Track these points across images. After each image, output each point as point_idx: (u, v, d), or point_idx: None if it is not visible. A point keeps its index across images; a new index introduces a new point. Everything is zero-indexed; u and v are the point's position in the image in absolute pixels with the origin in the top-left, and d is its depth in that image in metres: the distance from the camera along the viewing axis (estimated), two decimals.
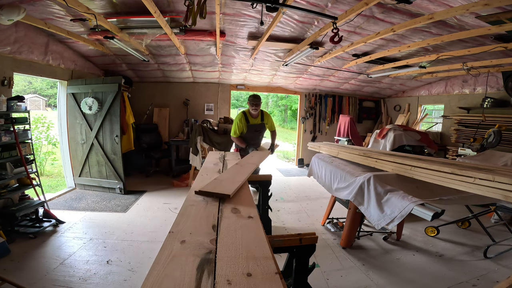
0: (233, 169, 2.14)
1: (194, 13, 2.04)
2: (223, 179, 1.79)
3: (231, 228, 1.13)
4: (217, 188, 1.54)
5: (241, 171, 2.08)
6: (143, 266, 2.42)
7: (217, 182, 1.71)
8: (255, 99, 3.77)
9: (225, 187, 1.58)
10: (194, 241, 1.00)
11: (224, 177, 1.87)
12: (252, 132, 3.91)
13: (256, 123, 3.90)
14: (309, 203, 4.35)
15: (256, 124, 3.90)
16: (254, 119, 3.89)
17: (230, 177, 1.85)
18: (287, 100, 19.65)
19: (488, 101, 4.63)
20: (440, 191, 2.09)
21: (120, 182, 4.43)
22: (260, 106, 3.87)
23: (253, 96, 3.80)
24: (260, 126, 3.93)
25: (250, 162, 2.50)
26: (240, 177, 1.86)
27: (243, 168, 2.21)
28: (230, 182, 1.72)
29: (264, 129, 4.00)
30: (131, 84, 5.79)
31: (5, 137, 3.02)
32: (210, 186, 1.59)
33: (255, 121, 3.89)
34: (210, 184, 1.63)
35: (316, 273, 2.39)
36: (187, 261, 0.86)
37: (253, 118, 3.88)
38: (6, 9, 2.52)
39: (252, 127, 3.88)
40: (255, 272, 0.82)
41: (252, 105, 3.77)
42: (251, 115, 3.86)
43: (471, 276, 2.41)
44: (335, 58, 4.70)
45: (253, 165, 2.39)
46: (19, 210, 2.95)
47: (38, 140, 6.52)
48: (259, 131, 3.94)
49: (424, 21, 2.67)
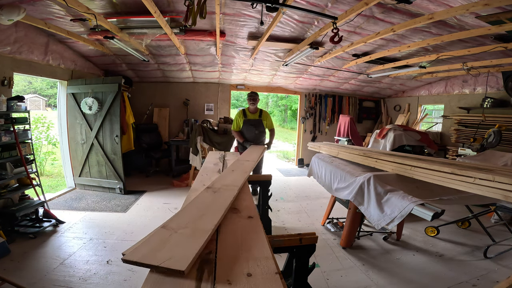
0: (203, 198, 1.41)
1: (194, 13, 2.04)
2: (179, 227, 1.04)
3: (231, 228, 1.14)
4: (164, 253, 0.85)
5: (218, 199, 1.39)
6: None
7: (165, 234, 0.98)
8: (252, 94, 4.06)
9: (178, 249, 0.89)
10: None
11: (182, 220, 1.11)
12: (248, 126, 4.07)
13: (253, 118, 4.06)
14: (309, 203, 4.35)
15: (252, 119, 4.06)
16: (251, 114, 4.08)
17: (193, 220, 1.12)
18: (287, 100, 19.65)
19: (488, 101, 4.63)
20: (440, 191, 2.09)
21: (120, 182, 4.43)
22: (258, 101, 4.10)
23: (251, 92, 4.09)
24: (256, 122, 4.06)
25: (243, 169, 2.16)
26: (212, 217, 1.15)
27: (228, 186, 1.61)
28: (191, 233, 0.99)
29: (260, 125, 4.11)
30: (131, 84, 5.79)
31: (5, 137, 3.02)
32: (151, 245, 0.90)
33: (252, 117, 4.07)
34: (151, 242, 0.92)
35: (316, 273, 2.38)
36: None
37: (250, 113, 4.08)
38: (6, 9, 2.52)
39: (248, 122, 4.06)
40: (255, 272, 0.82)
41: (250, 100, 4.03)
42: (249, 110, 4.10)
43: (471, 276, 2.41)
44: (335, 58, 4.69)
45: (245, 173, 2.01)
46: (19, 210, 2.95)
47: (38, 140, 6.52)
48: (254, 125, 4.06)
49: (424, 21, 2.67)
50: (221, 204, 1.29)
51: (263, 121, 4.13)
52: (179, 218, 1.13)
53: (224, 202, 1.33)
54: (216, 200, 1.37)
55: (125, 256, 0.82)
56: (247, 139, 4.08)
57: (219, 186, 1.59)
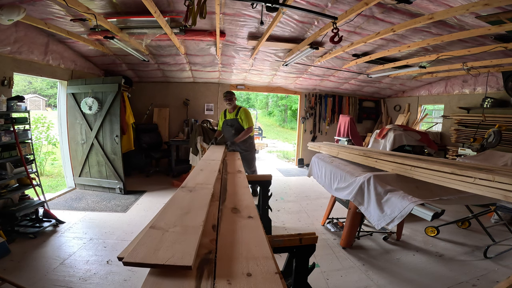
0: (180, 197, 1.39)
1: (194, 13, 2.04)
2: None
3: (231, 228, 1.13)
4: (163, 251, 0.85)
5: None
6: None
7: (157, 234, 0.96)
8: (226, 94, 4.03)
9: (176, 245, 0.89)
10: None
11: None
12: (225, 126, 4.11)
13: (229, 118, 4.08)
14: (309, 203, 4.35)
15: (229, 119, 4.08)
16: (229, 114, 4.10)
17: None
18: (287, 100, 19.67)
19: (488, 101, 4.63)
20: (440, 191, 2.09)
21: (120, 182, 4.43)
22: (234, 100, 4.08)
23: (226, 92, 4.07)
24: (232, 121, 4.06)
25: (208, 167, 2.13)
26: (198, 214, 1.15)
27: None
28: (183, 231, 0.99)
29: (236, 123, 4.04)
30: (131, 84, 5.79)
31: (5, 137, 3.02)
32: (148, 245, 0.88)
33: (230, 116, 4.09)
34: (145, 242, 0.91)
35: (316, 273, 2.39)
36: None
37: (229, 113, 4.10)
38: (6, 9, 2.52)
39: (225, 122, 4.10)
40: (255, 272, 0.82)
41: (225, 100, 4.03)
42: (228, 110, 4.12)
43: (471, 276, 2.41)
44: (335, 58, 4.70)
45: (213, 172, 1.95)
46: (19, 210, 2.95)
47: (38, 140, 6.52)
48: (230, 125, 4.06)
49: (424, 21, 2.67)
50: (201, 202, 1.32)
51: (239, 120, 4.02)
52: (165, 218, 1.12)
53: (203, 200, 1.35)
54: (195, 198, 1.39)
55: (125, 258, 0.81)
56: (225, 138, 4.07)
57: (193, 185, 1.63)
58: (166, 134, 6.27)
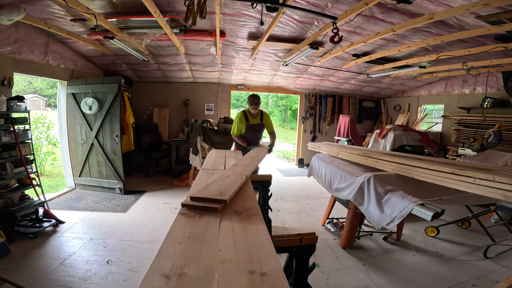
0: (232, 169, 2.08)
1: (194, 13, 2.04)
2: (219, 181, 1.69)
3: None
4: (212, 192, 1.42)
5: (239, 170, 2.00)
6: (143, 266, 2.42)
7: (213, 184, 1.60)
8: (254, 99, 3.80)
9: (221, 190, 1.48)
10: None
11: (220, 178, 1.77)
12: (251, 131, 3.93)
13: (255, 123, 3.91)
14: (309, 203, 4.35)
15: (255, 124, 3.92)
16: (253, 119, 3.90)
17: (228, 178, 1.76)
18: (287, 100, 19.65)
19: (488, 101, 4.63)
20: (440, 191, 2.09)
21: (120, 182, 4.43)
22: (260, 105, 3.90)
23: (252, 96, 3.82)
24: (259, 126, 3.95)
25: (249, 161, 2.45)
26: (238, 178, 1.78)
27: (242, 167, 2.15)
28: (227, 185, 1.60)
29: (263, 128, 4.01)
30: (131, 84, 5.79)
31: (5, 137, 3.02)
32: (206, 191, 1.46)
33: (255, 121, 3.91)
34: (205, 189, 1.50)
35: (316, 273, 2.39)
36: None
37: (252, 117, 3.90)
38: (6, 9, 2.52)
39: (251, 127, 3.90)
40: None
41: (252, 104, 3.79)
42: (251, 114, 3.88)
43: (471, 276, 2.41)
44: (335, 58, 4.70)
45: (253, 163, 2.33)
46: (19, 210, 2.95)
47: (38, 140, 6.52)
48: (257, 130, 3.96)
49: (424, 21, 2.67)
50: (245, 170, 2.05)
51: (265, 124, 4.00)
52: (225, 173, 1.93)
53: (247, 169, 2.08)
54: (241, 168, 2.10)
55: (192, 196, 1.35)
56: (250, 143, 3.94)
57: (242, 163, 2.35)
58: (166, 134, 6.27)
